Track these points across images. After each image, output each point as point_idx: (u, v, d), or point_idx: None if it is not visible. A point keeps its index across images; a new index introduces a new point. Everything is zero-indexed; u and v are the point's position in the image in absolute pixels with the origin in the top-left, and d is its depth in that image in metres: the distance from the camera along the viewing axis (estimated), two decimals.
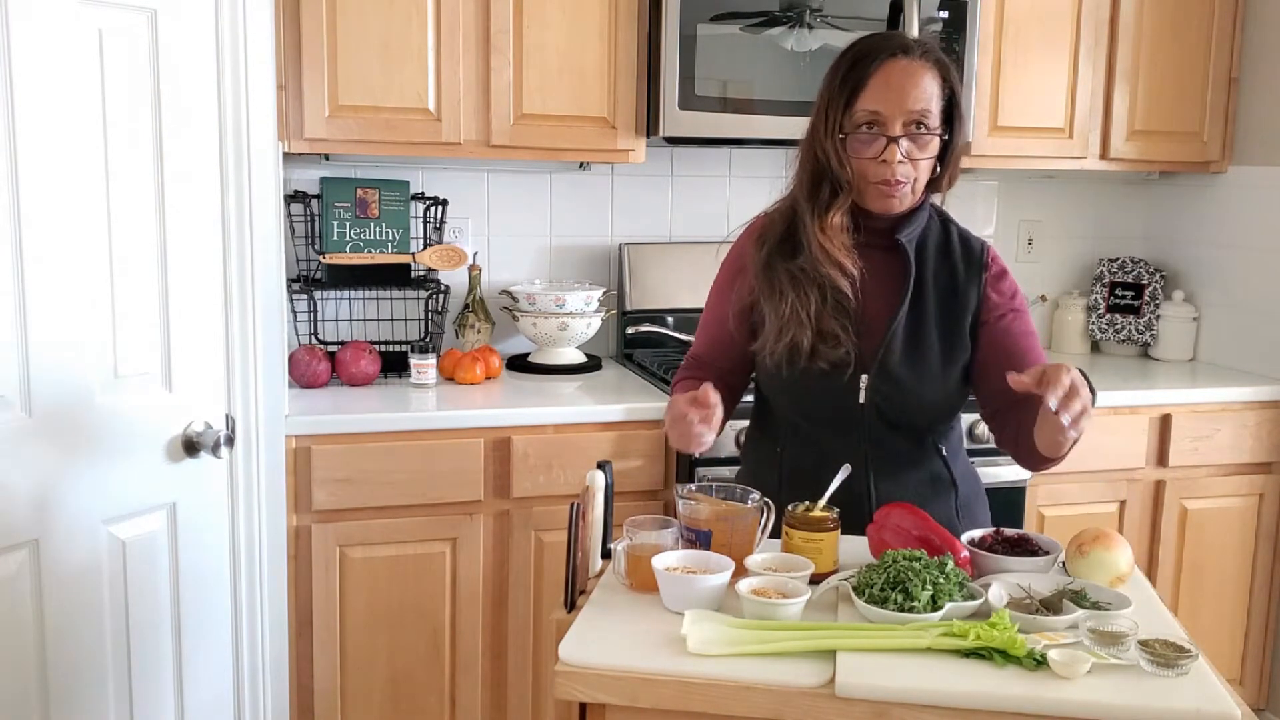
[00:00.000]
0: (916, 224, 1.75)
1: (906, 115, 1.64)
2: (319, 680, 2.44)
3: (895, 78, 1.64)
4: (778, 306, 1.71)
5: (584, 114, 2.67)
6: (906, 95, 1.63)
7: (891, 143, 1.64)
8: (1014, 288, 1.80)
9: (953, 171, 1.73)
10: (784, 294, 1.70)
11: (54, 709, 1.86)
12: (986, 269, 1.78)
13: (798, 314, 1.68)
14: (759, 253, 1.76)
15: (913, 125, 1.65)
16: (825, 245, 1.68)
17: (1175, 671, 1.24)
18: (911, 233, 1.74)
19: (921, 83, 1.64)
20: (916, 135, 1.65)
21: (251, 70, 2.07)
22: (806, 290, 1.69)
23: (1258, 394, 2.93)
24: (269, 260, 2.18)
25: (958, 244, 1.79)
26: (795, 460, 1.78)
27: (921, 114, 1.64)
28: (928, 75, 1.65)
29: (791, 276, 1.71)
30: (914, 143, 1.65)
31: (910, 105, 1.63)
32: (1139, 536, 2.91)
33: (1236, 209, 3.17)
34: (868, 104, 1.64)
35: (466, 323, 2.92)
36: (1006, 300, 1.77)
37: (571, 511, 1.46)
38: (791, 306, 1.69)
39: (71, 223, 1.80)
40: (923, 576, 1.35)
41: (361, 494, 2.39)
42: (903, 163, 1.65)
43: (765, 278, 1.73)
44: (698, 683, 1.25)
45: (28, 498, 1.79)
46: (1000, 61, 2.92)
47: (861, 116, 1.65)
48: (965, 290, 1.76)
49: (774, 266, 1.73)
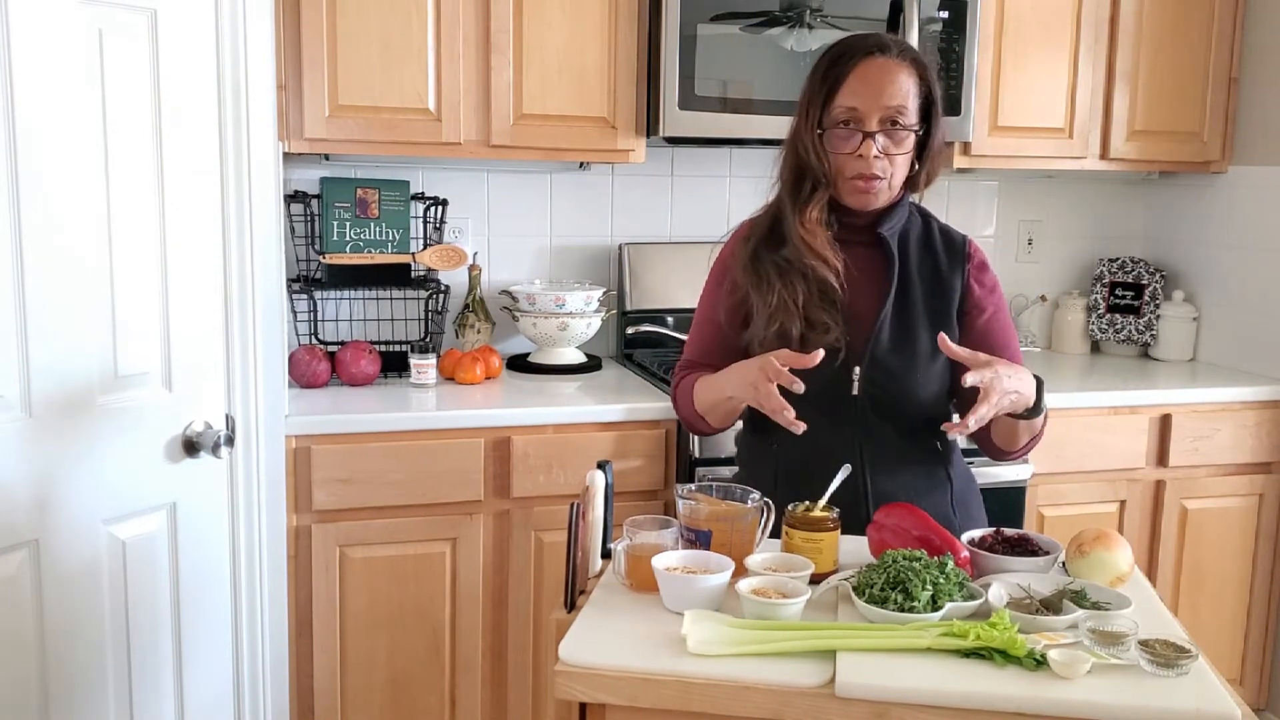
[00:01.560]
0: (897, 219, 1.79)
1: (883, 111, 1.68)
2: (319, 680, 2.44)
3: (872, 75, 1.68)
4: (766, 296, 1.74)
5: (584, 114, 2.67)
6: (883, 92, 1.67)
7: (867, 138, 1.68)
8: (994, 280, 1.85)
9: (931, 169, 1.78)
10: (771, 284, 1.73)
11: (54, 709, 1.86)
12: (969, 259, 1.82)
13: (785, 303, 1.71)
14: (745, 247, 1.79)
15: (889, 122, 1.69)
16: (806, 238, 1.72)
17: (1175, 671, 1.24)
18: (893, 227, 1.78)
19: (898, 80, 1.68)
20: (892, 131, 1.69)
21: (251, 70, 2.07)
22: (793, 280, 1.72)
23: (1258, 394, 2.93)
24: (269, 260, 2.18)
25: (939, 237, 1.83)
26: (789, 456, 1.78)
27: (898, 110, 1.68)
28: (904, 73, 1.69)
29: (778, 267, 1.74)
30: (890, 139, 1.70)
31: (886, 101, 1.67)
32: (1139, 536, 2.91)
33: (1236, 209, 3.17)
34: (845, 100, 1.69)
35: (466, 323, 2.92)
36: (987, 293, 1.82)
37: (571, 511, 1.46)
38: (779, 296, 1.72)
39: (71, 223, 1.80)
40: (923, 576, 1.35)
41: (361, 494, 2.39)
42: (879, 158, 1.69)
43: (753, 269, 1.77)
44: (698, 683, 1.25)
45: (28, 498, 1.79)
46: (1000, 61, 2.92)
47: (839, 113, 1.70)
48: (949, 280, 1.80)
49: (760, 258, 1.76)
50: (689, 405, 1.84)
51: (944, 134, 1.78)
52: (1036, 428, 1.75)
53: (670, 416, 2.53)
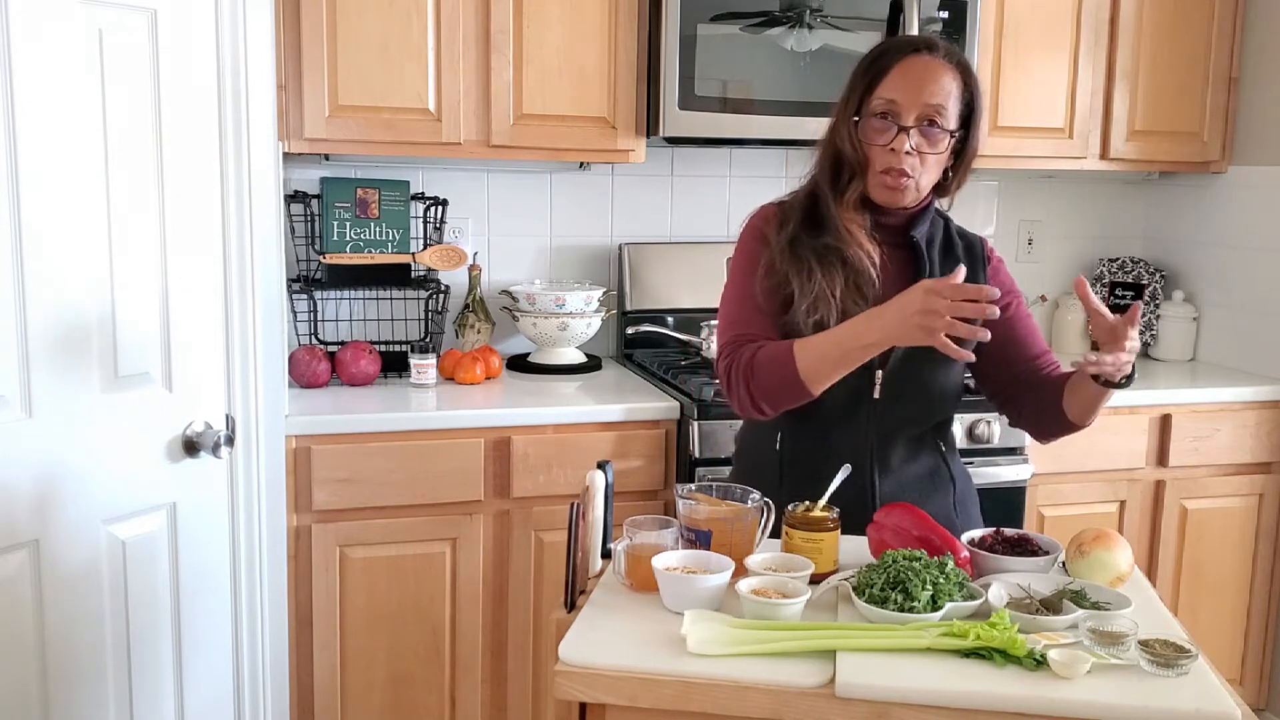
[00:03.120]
0: (925, 222, 1.78)
1: (921, 108, 1.66)
2: (319, 680, 2.44)
3: (915, 71, 1.67)
4: (805, 284, 1.70)
5: (584, 114, 2.67)
6: (924, 88, 1.66)
7: (901, 132, 1.66)
8: (1009, 276, 1.88)
9: (962, 176, 1.77)
10: (812, 271, 1.70)
11: (54, 709, 1.86)
12: (988, 261, 1.84)
13: (824, 292, 1.68)
14: (783, 232, 1.75)
15: (925, 120, 1.67)
16: (850, 225, 1.70)
17: (1175, 671, 1.24)
18: (923, 231, 1.77)
19: (940, 79, 1.67)
20: (928, 130, 1.68)
21: (251, 70, 2.07)
22: (832, 267, 1.70)
23: (1258, 394, 2.93)
24: (269, 260, 2.18)
25: (958, 240, 1.84)
26: (796, 456, 1.78)
27: (936, 109, 1.66)
28: (948, 74, 1.68)
29: (817, 253, 1.71)
30: (925, 137, 1.68)
31: (926, 98, 1.66)
32: (1139, 536, 2.91)
33: (1236, 209, 3.17)
34: (885, 93, 1.68)
35: (466, 323, 2.92)
36: (1006, 291, 1.82)
37: (571, 511, 1.46)
38: (819, 284, 1.69)
39: (71, 222, 1.80)
40: (923, 576, 1.35)
41: (361, 494, 2.39)
42: (910, 154, 1.67)
43: (793, 254, 1.72)
44: (698, 683, 1.25)
45: (28, 498, 1.79)
46: (1000, 61, 2.92)
47: (878, 105, 1.68)
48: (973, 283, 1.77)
49: (800, 243, 1.73)
50: (785, 371, 1.63)
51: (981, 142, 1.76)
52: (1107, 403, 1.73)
53: (670, 416, 2.53)
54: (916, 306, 1.48)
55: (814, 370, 1.61)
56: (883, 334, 1.54)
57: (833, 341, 1.60)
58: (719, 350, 1.76)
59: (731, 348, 1.72)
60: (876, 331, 1.55)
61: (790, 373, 1.62)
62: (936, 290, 1.47)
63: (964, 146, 1.73)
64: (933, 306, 1.46)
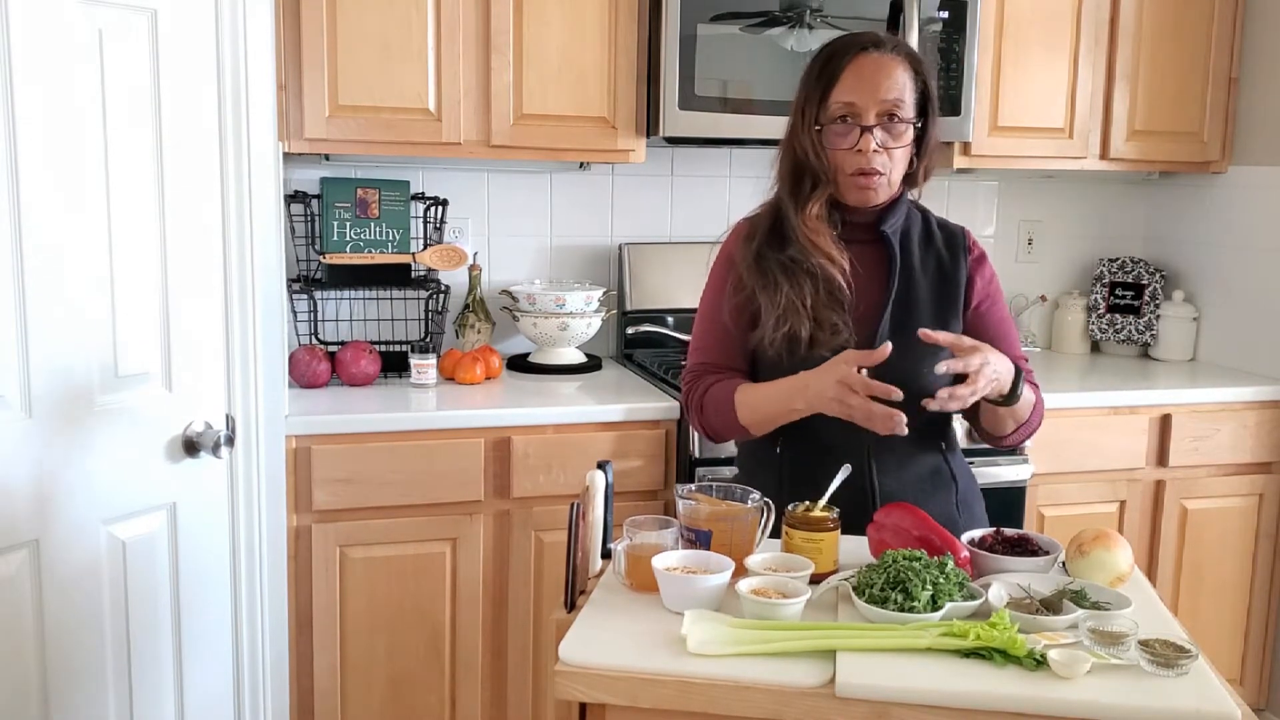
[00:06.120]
0: (898, 215, 1.79)
1: (880, 106, 1.68)
2: (319, 680, 2.44)
3: (867, 69, 1.69)
4: (773, 297, 1.72)
5: (584, 114, 2.67)
6: (879, 86, 1.68)
7: (866, 132, 1.68)
8: (992, 272, 1.87)
9: (928, 164, 1.78)
10: (778, 284, 1.72)
11: (54, 709, 1.86)
12: (969, 251, 1.84)
13: (793, 303, 1.70)
14: (748, 247, 1.78)
15: (886, 116, 1.69)
16: (811, 236, 1.71)
17: (1175, 671, 1.24)
18: (894, 224, 1.78)
19: (894, 74, 1.69)
20: (890, 125, 1.69)
21: (251, 70, 2.07)
22: (800, 280, 1.71)
23: (1258, 394, 2.93)
24: (269, 260, 2.18)
25: (938, 231, 1.84)
26: (796, 458, 1.78)
27: (895, 104, 1.69)
28: (899, 68, 1.70)
29: (783, 266, 1.73)
30: (888, 133, 1.70)
31: (883, 95, 1.68)
32: (1139, 536, 2.91)
33: (1236, 209, 3.17)
34: (842, 96, 1.69)
35: (466, 323, 2.92)
36: (986, 284, 1.83)
37: (571, 511, 1.46)
38: (786, 296, 1.71)
39: (71, 223, 1.80)
40: (923, 576, 1.35)
41: (361, 494, 2.39)
42: (878, 152, 1.69)
43: (758, 269, 1.75)
44: (698, 683, 1.25)
45: (28, 498, 1.79)
46: (1000, 61, 2.92)
47: (837, 109, 1.70)
48: (953, 274, 1.81)
49: (765, 258, 1.75)
50: (727, 417, 1.76)
51: (940, 128, 1.78)
52: (1022, 415, 1.75)
53: (670, 416, 2.53)
54: (831, 394, 1.59)
55: (751, 421, 1.74)
56: (807, 405, 1.65)
57: (774, 400, 1.71)
58: (683, 374, 1.88)
59: (692, 376, 1.84)
60: (801, 400, 1.66)
61: (731, 419, 1.75)
62: (848, 384, 1.56)
63: (924, 134, 1.74)
64: (844, 398, 1.58)
